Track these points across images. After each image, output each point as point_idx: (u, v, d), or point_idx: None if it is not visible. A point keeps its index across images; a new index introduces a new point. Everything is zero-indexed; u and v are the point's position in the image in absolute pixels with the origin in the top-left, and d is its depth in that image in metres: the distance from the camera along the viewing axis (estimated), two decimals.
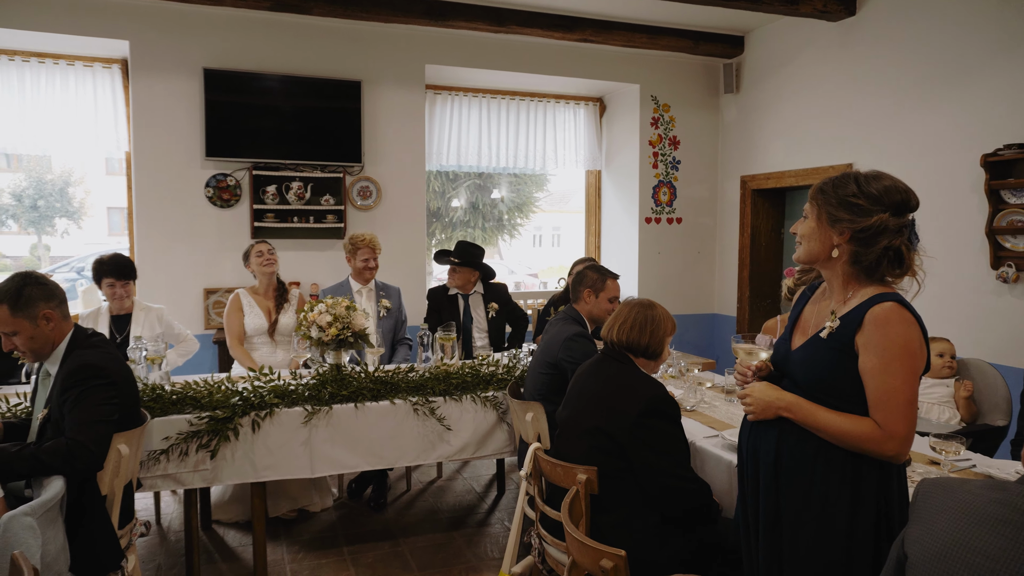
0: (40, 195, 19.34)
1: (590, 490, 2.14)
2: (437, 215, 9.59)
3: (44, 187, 19.38)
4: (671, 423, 2.22)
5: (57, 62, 5.05)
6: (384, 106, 5.52)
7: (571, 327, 3.01)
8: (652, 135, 6.27)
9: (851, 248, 1.69)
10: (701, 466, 2.56)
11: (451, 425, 3.27)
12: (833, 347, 1.68)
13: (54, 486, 2.01)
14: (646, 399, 2.19)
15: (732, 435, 2.55)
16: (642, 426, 2.16)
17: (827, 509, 1.68)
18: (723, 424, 2.83)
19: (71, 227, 19.80)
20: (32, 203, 19.35)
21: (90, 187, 19.70)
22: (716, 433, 2.69)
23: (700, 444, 2.59)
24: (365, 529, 3.72)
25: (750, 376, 1.85)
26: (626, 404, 2.20)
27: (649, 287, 6.33)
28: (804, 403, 1.71)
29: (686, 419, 2.86)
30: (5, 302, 2.20)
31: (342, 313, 3.25)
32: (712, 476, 2.49)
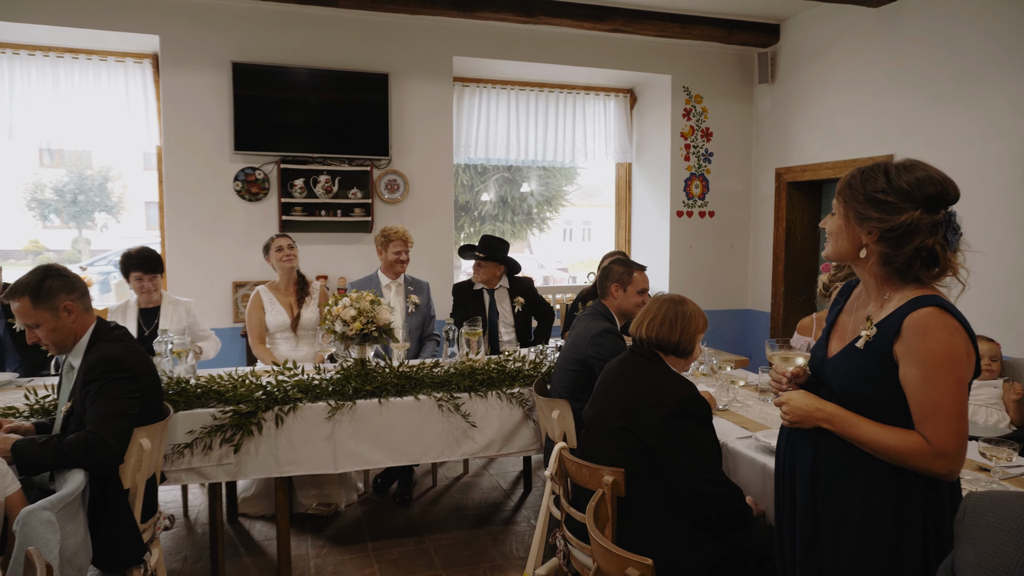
0: (80, 190, 19.78)
1: (616, 492, 2.07)
2: (466, 209, 9.55)
3: (84, 182, 19.82)
4: (702, 424, 2.13)
5: (90, 58, 5.09)
6: (411, 99, 5.48)
7: (599, 323, 2.93)
8: (684, 127, 6.13)
9: (880, 249, 1.56)
10: (733, 468, 2.47)
11: (476, 422, 3.21)
12: (870, 357, 1.56)
13: (74, 480, 2.00)
14: (676, 399, 2.11)
15: (766, 436, 2.45)
16: (671, 427, 2.08)
17: (868, 527, 1.56)
18: (756, 424, 2.73)
19: (110, 221, 20.21)
20: (73, 198, 19.81)
21: (128, 182, 20.08)
22: (749, 434, 2.59)
23: (732, 445, 2.50)
24: (390, 525, 3.70)
25: (785, 383, 1.74)
26: (655, 404, 2.12)
27: (680, 282, 6.21)
28: (844, 413, 1.59)
29: (718, 419, 2.77)
30: (27, 294, 2.20)
31: (366, 307, 3.22)
32: (745, 479, 2.39)
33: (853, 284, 1.79)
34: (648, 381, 2.22)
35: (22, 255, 18.84)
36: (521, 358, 3.50)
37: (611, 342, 2.82)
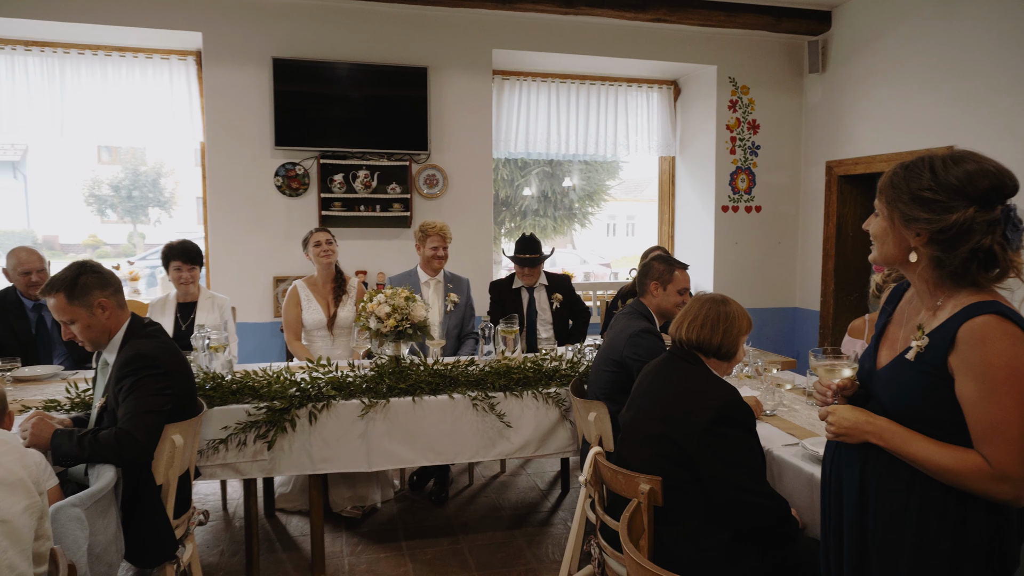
0: (135, 186, 20.40)
1: (653, 501, 1.97)
2: (506, 203, 9.48)
3: (139, 178, 20.42)
4: (745, 431, 2.02)
5: (136, 55, 5.18)
6: (450, 92, 5.43)
7: (637, 322, 2.83)
8: (730, 119, 5.95)
9: (931, 252, 1.41)
10: (779, 476, 2.35)
11: (511, 422, 3.15)
12: (922, 370, 1.42)
13: (105, 476, 2.00)
14: (717, 405, 2.00)
15: (814, 444, 2.32)
16: (712, 434, 1.97)
17: (923, 553, 1.42)
18: (804, 431, 2.60)
19: (163, 216, 20.81)
20: (128, 194, 20.44)
21: (179, 178, 20.62)
22: (796, 441, 2.46)
23: (777, 453, 2.37)
24: (425, 524, 3.66)
25: (830, 396, 1.62)
26: (695, 410, 2.01)
27: (725, 278, 6.04)
28: (896, 428, 1.45)
29: (763, 425, 2.65)
30: (62, 290, 2.21)
31: (401, 304, 3.18)
32: (791, 489, 2.27)
33: (903, 288, 1.65)
34: (688, 385, 2.12)
35: (82, 249, 19.54)
36: (558, 357, 3.42)
37: (650, 342, 2.72)
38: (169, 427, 2.24)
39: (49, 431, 2.15)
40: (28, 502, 1.38)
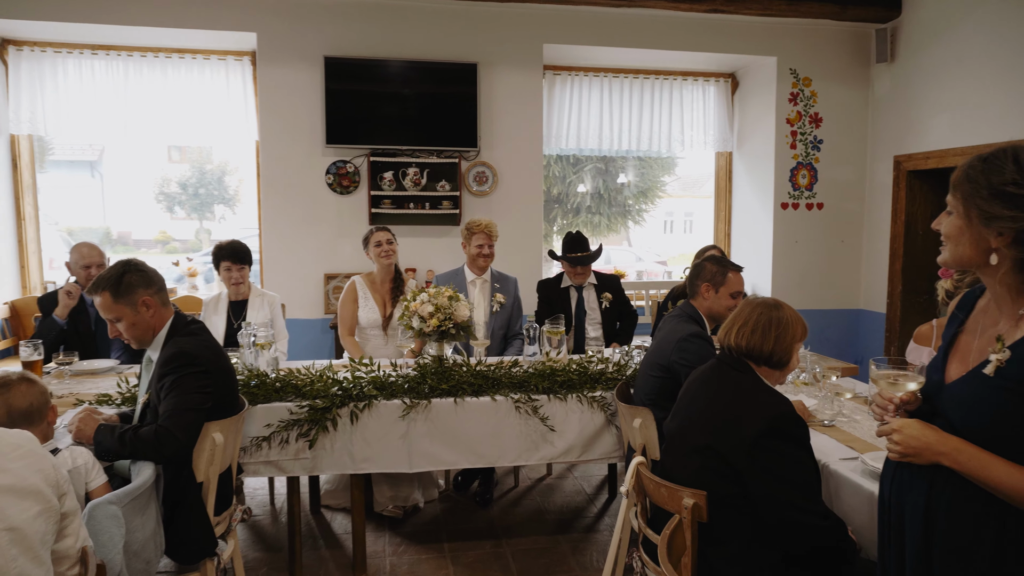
0: (201, 184, 21.12)
1: (698, 517, 1.87)
2: (558, 200, 9.37)
3: (204, 176, 21.15)
4: (797, 446, 1.89)
5: (195, 57, 5.30)
6: (500, 89, 5.38)
7: (686, 326, 2.71)
8: (790, 112, 5.71)
9: (1015, 254, 1.28)
10: (835, 493, 2.20)
11: (555, 426, 3.07)
12: (1003, 386, 1.27)
13: (144, 474, 2.02)
14: (768, 417, 1.87)
15: (876, 459, 2.16)
16: (762, 448, 1.85)
17: None
18: (865, 444, 2.44)
19: (227, 213, 21.49)
20: (195, 191, 21.20)
21: (243, 176, 21.23)
22: (855, 455, 2.31)
23: (835, 468, 2.23)
24: (468, 526, 3.62)
25: (892, 411, 1.48)
26: (743, 421, 1.90)
27: (784, 278, 5.81)
28: (974, 451, 1.30)
29: (819, 436, 2.50)
30: (107, 289, 2.24)
31: (444, 303, 3.14)
32: (849, 507, 2.13)
33: (976, 294, 1.49)
34: (736, 395, 1.99)
35: (152, 244, 20.34)
36: (604, 359, 3.32)
37: (699, 347, 2.60)
38: (210, 425, 2.25)
39: (93, 426, 2.18)
40: (41, 507, 1.38)
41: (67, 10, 4.75)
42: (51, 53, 5.15)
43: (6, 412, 1.89)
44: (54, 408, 2.01)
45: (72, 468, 1.96)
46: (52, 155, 10.73)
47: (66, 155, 16.90)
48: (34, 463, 1.39)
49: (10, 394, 1.89)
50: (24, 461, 1.37)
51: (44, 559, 1.38)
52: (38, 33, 4.99)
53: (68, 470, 1.94)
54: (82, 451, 2.03)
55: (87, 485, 1.99)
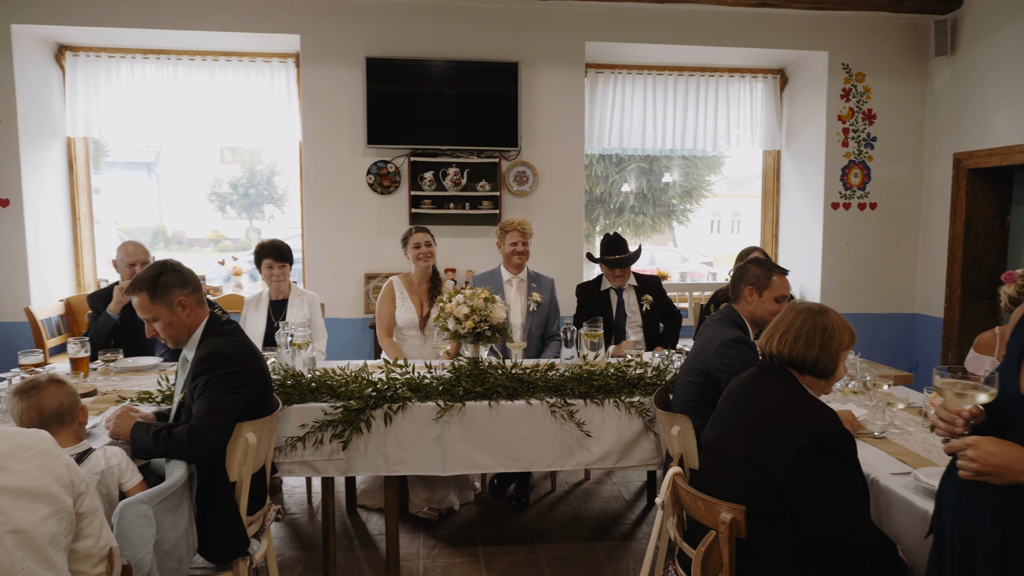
0: (251, 184, 21.65)
1: (736, 533, 1.79)
2: (601, 200, 9.25)
3: (254, 177, 21.65)
4: (843, 461, 1.78)
5: (241, 59, 5.39)
6: (542, 87, 5.32)
7: (728, 330, 2.61)
8: (842, 109, 5.51)
9: None
10: (885, 510, 2.08)
11: (591, 431, 3.00)
12: None
13: (176, 473, 2.03)
14: (811, 430, 1.78)
15: (930, 475, 2.04)
16: (805, 463, 1.75)
17: None
18: (918, 459, 2.30)
19: (276, 212, 21.97)
20: (245, 191, 21.73)
21: (291, 176, 21.66)
22: (907, 470, 2.18)
23: (885, 483, 2.11)
24: (503, 530, 3.58)
25: (959, 426, 1.36)
26: (785, 434, 1.80)
27: (834, 281, 5.61)
28: None
29: (869, 449, 2.37)
30: (144, 289, 2.27)
31: (479, 305, 3.10)
32: (900, 526, 2.01)
33: None
34: (778, 406, 1.90)
35: (205, 243, 20.95)
36: (643, 363, 3.24)
37: (741, 353, 2.50)
38: (242, 425, 2.26)
39: (130, 424, 2.21)
40: (51, 509, 1.39)
41: (120, 16, 4.88)
42: (105, 58, 5.30)
43: (37, 414, 1.92)
44: (84, 408, 2.04)
45: (105, 468, 1.99)
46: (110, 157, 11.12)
47: (124, 157, 17.48)
48: (45, 464, 1.40)
49: (40, 396, 1.92)
50: (35, 462, 1.38)
51: (55, 561, 1.38)
52: (93, 39, 5.15)
53: (101, 470, 1.97)
54: (116, 451, 2.05)
55: (121, 485, 2.01)
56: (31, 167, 5.07)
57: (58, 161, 5.37)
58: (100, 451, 2.03)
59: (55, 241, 5.33)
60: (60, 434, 1.96)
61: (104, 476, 1.97)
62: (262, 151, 20.46)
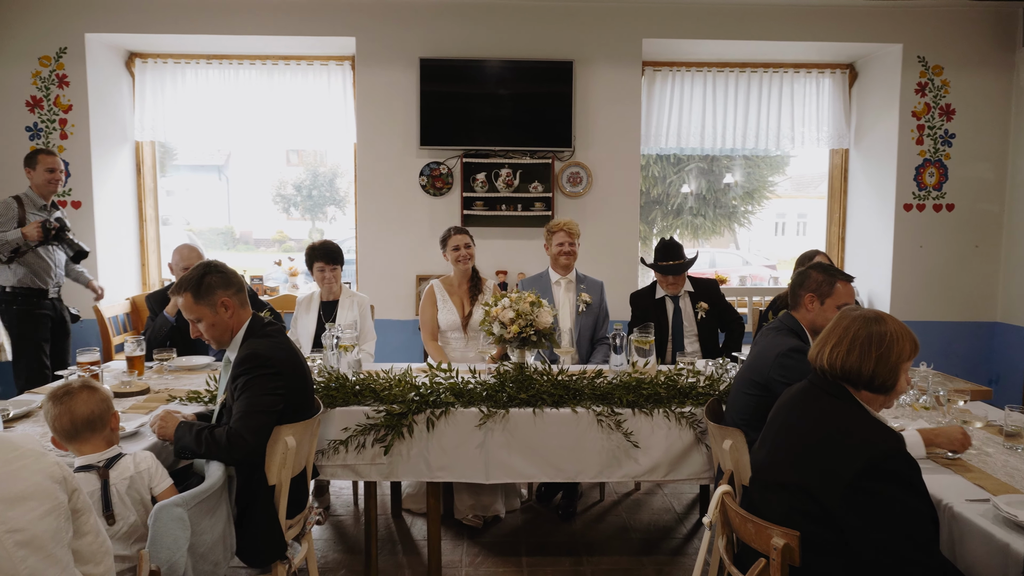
0: (314, 186, 22.20)
1: (788, 560, 1.65)
2: (658, 202, 9.03)
3: (317, 179, 22.20)
4: (906, 489, 1.61)
5: (299, 63, 5.46)
6: (597, 86, 5.21)
7: (786, 340, 2.46)
8: (917, 104, 5.21)
9: None
10: (959, 540, 1.90)
11: (639, 442, 2.88)
12: None
13: (213, 475, 2.02)
14: (868, 455, 1.62)
15: (1013, 504, 1.85)
16: (861, 491, 1.60)
17: None
18: (999, 484, 2.10)
19: (337, 214, 22.48)
20: (308, 193, 22.30)
21: (352, 178, 22.11)
22: (986, 496, 1.99)
23: (959, 511, 1.92)
24: (549, 540, 3.49)
25: None
26: (839, 459, 1.65)
27: (906, 287, 5.30)
28: None
29: (942, 473, 2.19)
30: (189, 290, 2.28)
31: (525, 309, 3.03)
32: (975, 559, 1.83)
33: None
34: (831, 426, 1.74)
35: (271, 243, 21.62)
36: (696, 372, 3.10)
37: (801, 364, 2.33)
38: (282, 428, 2.25)
39: (175, 424, 2.23)
40: (48, 506, 1.38)
41: (185, 23, 5.03)
42: (171, 64, 5.46)
43: (69, 420, 1.93)
44: (116, 415, 2.05)
45: (135, 473, 1.99)
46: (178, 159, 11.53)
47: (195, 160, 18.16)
48: (33, 463, 1.39)
49: (73, 402, 1.94)
50: (21, 462, 1.37)
51: (60, 557, 1.37)
52: (160, 46, 5.31)
53: (131, 475, 1.97)
54: (146, 455, 2.06)
55: (152, 489, 2.02)
56: (101, 170, 5.27)
57: (127, 164, 5.57)
58: (129, 457, 2.04)
59: (123, 242, 5.52)
60: (91, 440, 1.98)
61: (134, 481, 1.98)
62: (325, 154, 20.98)
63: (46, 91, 5.11)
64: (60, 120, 5.15)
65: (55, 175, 4.08)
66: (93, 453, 1.98)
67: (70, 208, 5.17)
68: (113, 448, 2.01)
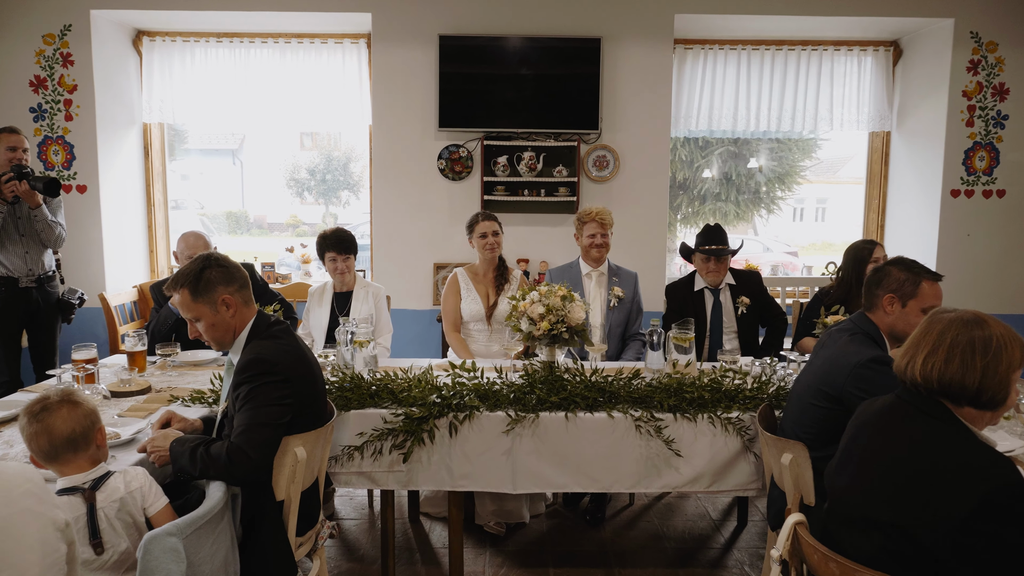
0: (328, 170, 22.00)
1: None
2: (683, 187, 8.69)
3: (331, 163, 22.00)
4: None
5: (312, 41, 5.21)
6: (626, 65, 4.93)
7: (863, 347, 2.15)
8: (968, 83, 4.88)
9: None
10: None
11: (681, 450, 2.64)
12: None
13: (213, 497, 1.80)
14: (982, 490, 1.36)
15: None
16: (974, 534, 1.35)
17: None
18: None
19: (351, 198, 22.30)
20: (322, 177, 22.11)
21: (366, 162, 21.88)
22: None
23: None
24: (577, 548, 3.27)
25: None
26: (946, 495, 1.40)
27: (951, 278, 4.94)
28: None
29: None
30: (186, 286, 2.05)
31: (556, 304, 2.78)
32: None
33: None
34: (934, 454, 1.48)
35: (284, 228, 21.50)
36: (743, 373, 2.84)
37: (883, 377, 2.03)
38: (291, 439, 2.02)
39: (167, 444, 2.00)
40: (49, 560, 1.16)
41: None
42: (180, 42, 5.23)
43: (47, 440, 1.70)
44: (102, 430, 1.81)
45: (126, 494, 1.77)
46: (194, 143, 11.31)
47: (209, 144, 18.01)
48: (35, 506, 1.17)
49: (51, 419, 1.71)
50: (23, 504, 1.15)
51: None
52: (169, 23, 5.07)
53: (120, 497, 1.75)
54: (137, 472, 1.83)
55: (145, 511, 1.79)
56: (108, 153, 5.06)
57: (134, 147, 5.36)
58: (119, 474, 1.81)
59: (130, 227, 5.32)
60: (74, 461, 1.76)
61: (124, 503, 1.75)
62: (340, 137, 20.75)
63: (50, 71, 4.90)
64: (65, 101, 4.94)
65: (16, 154, 3.81)
66: (77, 474, 1.76)
67: (75, 193, 4.98)
68: (100, 466, 1.79)
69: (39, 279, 3.99)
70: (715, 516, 3.62)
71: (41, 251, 4.02)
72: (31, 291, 3.96)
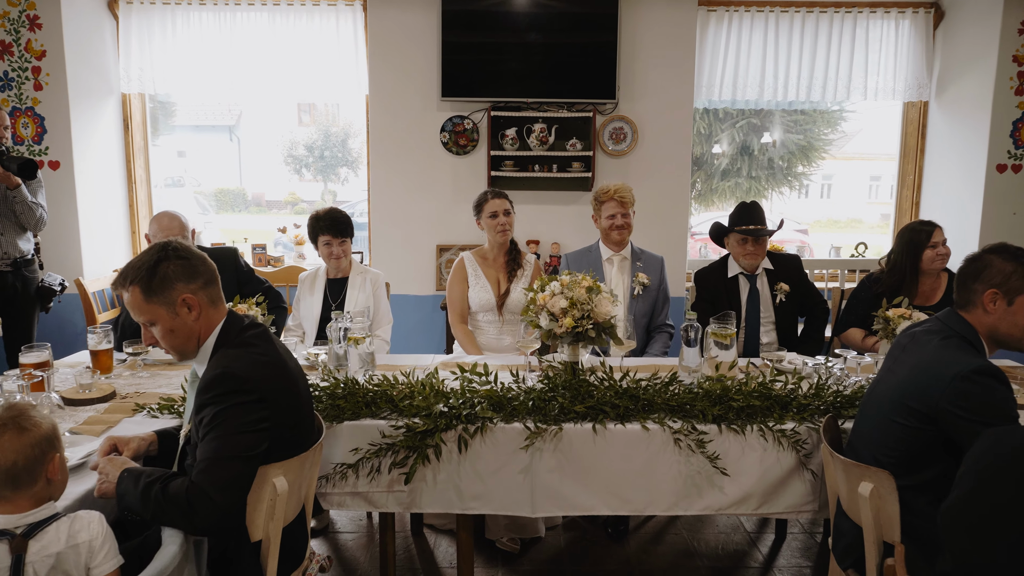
0: (327, 146, 21.53)
1: None
2: (699, 162, 8.23)
3: (329, 139, 21.52)
4: None
5: (303, 3, 4.77)
6: (645, 29, 4.51)
7: (965, 355, 1.78)
8: (1019, 47, 4.46)
9: None
10: None
11: (727, 467, 2.28)
12: None
13: (167, 550, 1.44)
14: None
15: None
16: None
17: None
18: None
19: (350, 175, 21.88)
20: (320, 154, 21.64)
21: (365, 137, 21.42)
22: None
23: None
24: (598, 565, 2.93)
25: None
26: None
27: None
28: None
29: None
30: (138, 283, 1.65)
31: (581, 297, 2.41)
32: None
33: None
34: None
35: (283, 205, 21.09)
36: (796, 376, 2.48)
37: (990, 392, 1.66)
38: (269, 468, 1.66)
39: (115, 477, 1.63)
40: None
41: None
42: (160, 5, 4.79)
43: None
44: (57, 459, 1.44)
45: (65, 548, 1.38)
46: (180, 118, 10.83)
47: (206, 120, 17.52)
48: None
49: None
50: None
51: None
52: None
53: (57, 551, 1.38)
54: (92, 520, 1.44)
55: (89, 571, 1.41)
56: (83, 126, 4.66)
57: (112, 120, 4.94)
58: (66, 521, 1.42)
59: (109, 206, 4.93)
60: (10, 500, 1.39)
61: (62, 559, 1.38)
62: (337, 111, 20.26)
63: (15, 34, 4.48)
64: (33, 68, 4.52)
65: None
66: (13, 514, 1.40)
67: (47, 169, 4.58)
68: (45, 507, 1.42)
69: (15, 262, 3.70)
70: (750, 528, 3.28)
71: (17, 233, 3.70)
72: (6, 275, 3.68)
